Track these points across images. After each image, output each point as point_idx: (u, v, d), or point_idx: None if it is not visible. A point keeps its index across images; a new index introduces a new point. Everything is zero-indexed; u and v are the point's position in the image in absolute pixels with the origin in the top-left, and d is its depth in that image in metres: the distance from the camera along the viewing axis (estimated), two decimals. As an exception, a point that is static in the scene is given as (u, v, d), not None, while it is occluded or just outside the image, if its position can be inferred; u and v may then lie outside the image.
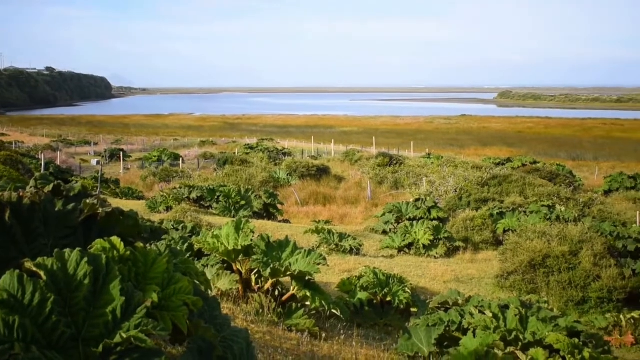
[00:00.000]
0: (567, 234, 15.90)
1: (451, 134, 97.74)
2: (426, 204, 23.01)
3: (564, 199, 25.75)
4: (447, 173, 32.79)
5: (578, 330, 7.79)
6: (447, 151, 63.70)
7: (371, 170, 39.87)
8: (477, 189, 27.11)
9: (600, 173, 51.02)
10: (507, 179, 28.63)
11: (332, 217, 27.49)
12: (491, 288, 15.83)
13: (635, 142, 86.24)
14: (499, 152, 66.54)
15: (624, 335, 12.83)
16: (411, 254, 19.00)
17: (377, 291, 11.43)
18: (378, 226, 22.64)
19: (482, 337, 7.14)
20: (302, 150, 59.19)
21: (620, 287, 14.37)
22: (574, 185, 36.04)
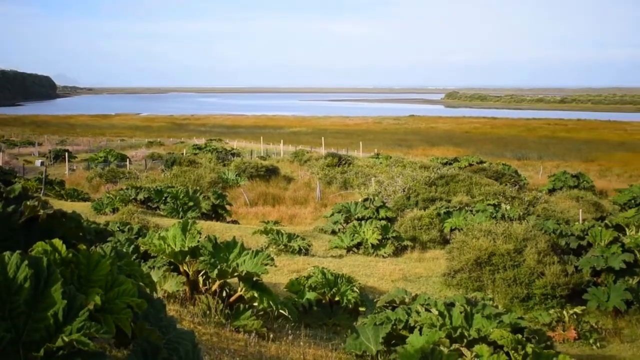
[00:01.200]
0: (512, 232, 16.19)
1: (399, 134, 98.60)
2: (374, 204, 23.17)
3: (509, 198, 26.21)
4: (396, 173, 33.06)
5: (521, 326, 7.95)
6: (395, 151, 64.23)
7: (320, 170, 39.96)
8: (424, 188, 27.40)
9: (544, 172, 52.06)
10: (454, 179, 29.00)
11: (281, 218, 27.47)
12: (438, 286, 16.02)
13: (578, 142, 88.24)
14: (447, 152, 67.35)
15: (567, 331, 13.13)
16: (360, 253, 19.11)
17: (325, 291, 11.47)
18: (327, 226, 22.71)
19: (428, 334, 7.24)
20: (251, 151, 59.01)
21: (563, 284, 14.69)
22: (519, 184, 36.69)
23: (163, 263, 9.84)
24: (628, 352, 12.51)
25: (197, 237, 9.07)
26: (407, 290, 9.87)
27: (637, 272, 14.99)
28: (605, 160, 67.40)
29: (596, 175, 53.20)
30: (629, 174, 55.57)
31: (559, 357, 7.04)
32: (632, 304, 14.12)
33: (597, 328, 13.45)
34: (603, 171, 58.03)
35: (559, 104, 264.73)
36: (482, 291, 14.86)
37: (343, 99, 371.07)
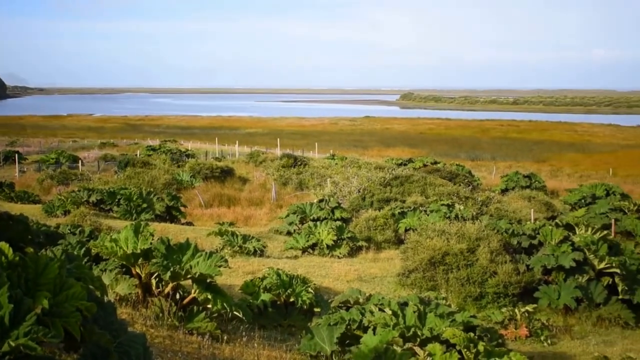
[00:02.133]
0: (466, 231, 16.38)
1: (355, 135, 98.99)
2: (330, 205, 23.24)
3: (463, 198, 26.52)
4: (351, 174, 33.17)
5: (474, 324, 8.05)
6: (351, 152, 64.47)
7: (276, 171, 39.90)
8: (379, 189, 27.55)
9: (497, 172, 52.80)
10: (409, 179, 29.23)
11: (237, 219, 27.36)
12: (393, 286, 16.13)
13: (530, 143, 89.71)
14: (402, 152, 67.86)
15: (518, 328, 13.33)
16: (315, 254, 19.14)
17: (280, 292, 11.46)
18: (282, 227, 22.69)
19: (381, 334, 7.28)
20: (206, 152, 58.62)
21: (515, 282, 14.92)
22: (472, 185, 37.16)
23: (115, 266, 9.71)
24: (578, 348, 12.75)
25: (149, 239, 8.98)
26: (362, 291, 9.92)
27: (586, 270, 15.28)
28: (556, 160, 68.66)
29: (547, 175, 54.15)
30: (579, 174, 56.68)
31: (510, 354, 7.15)
32: (582, 302, 14.40)
33: (548, 325, 13.69)
34: (554, 171, 59.08)
35: (512, 106, 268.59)
36: (436, 290, 15.00)
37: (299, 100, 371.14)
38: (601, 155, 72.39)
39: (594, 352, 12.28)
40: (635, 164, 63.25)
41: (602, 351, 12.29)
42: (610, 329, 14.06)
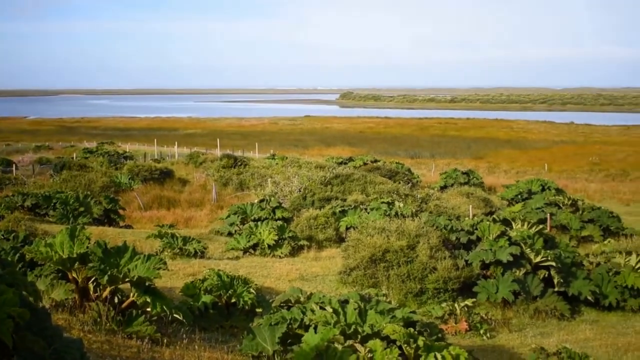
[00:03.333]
0: (405, 228, 16.56)
1: (295, 135, 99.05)
2: (271, 205, 23.20)
3: (402, 196, 26.78)
4: (292, 173, 33.17)
5: (414, 320, 8.13)
6: (291, 152, 64.49)
7: (216, 172, 39.62)
8: (320, 188, 27.63)
9: (436, 170, 53.49)
10: (349, 178, 29.39)
11: (177, 221, 27.08)
12: (335, 284, 16.19)
13: (468, 140, 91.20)
14: (342, 151, 68.17)
15: (458, 323, 13.54)
16: (256, 254, 19.08)
17: (221, 293, 11.38)
18: (223, 228, 22.54)
19: (323, 332, 7.29)
20: (145, 154, 57.81)
21: (454, 277, 15.15)
22: (412, 182, 37.60)
23: (51, 271, 9.49)
24: (516, 341, 13.03)
25: (86, 243, 8.81)
26: (303, 290, 9.92)
27: (523, 264, 15.62)
28: (494, 157, 69.97)
29: (485, 171, 55.12)
30: (515, 170, 57.86)
31: (449, 348, 7.25)
32: (519, 295, 14.71)
33: (487, 319, 13.94)
34: (491, 168, 60.18)
35: (450, 104, 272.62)
36: (377, 287, 15.11)
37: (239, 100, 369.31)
38: (536, 152, 74.06)
39: (531, 344, 12.54)
40: (569, 160, 64.97)
41: (539, 343, 12.56)
42: (547, 321, 14.40)
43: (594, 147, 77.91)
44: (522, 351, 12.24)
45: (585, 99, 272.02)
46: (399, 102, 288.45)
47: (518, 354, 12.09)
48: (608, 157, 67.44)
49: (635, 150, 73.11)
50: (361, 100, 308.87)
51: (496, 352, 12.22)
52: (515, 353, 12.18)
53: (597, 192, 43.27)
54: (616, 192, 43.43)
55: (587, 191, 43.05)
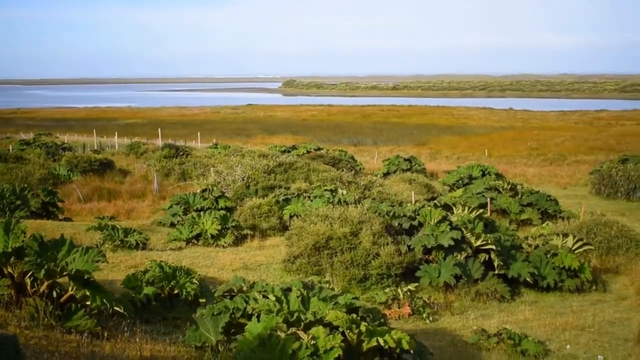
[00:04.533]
0: (348, 215, 16.63)
1: (238, 124, 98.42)
2: (213, 194, 23.03)
3: (346, 183, 26.90)
4: (235, 162, 32.96)
5: (356, 306, 8.17)
6: (234, 141, 64.05)
7: (157, 162, 39.11)
8: (264, 177, 27.55)
9: (379, 157, 53.84)
10: (293, 166, 29.37)
11: (118, 213, 26.68)
12: (279, 273, 16.21)
13: (410, 127, 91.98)
14: (285, 140, 68.00)
15: (401, 307, 13.71)
16: (200, 244, 18.95)
17: (164, 284, 11.26)
18: (165, 219, 22.29)
19: (265, 320, 7.28)
20: (84, 145, 56.71)
21: (397, 263, 15.31)
22: (355, 169, 37.78)
23: (-15, 266, 9.24)
24: (458, 323, 13.25)
25: (21, 237, 8.58)
26: (245, 279, 9.89)
27: (464, 248, 15.88)
28: (435, 143, 70.75)
29: (427, 158, 55.73)
30: (457, 156, 58.63)
31: (391, 333, 7.31)
32: (461, 278, 14.96)
33: (430, 303, 14.15)
34: (433, 154, 60.86)
35: (392, 91, 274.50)
36: (321, 275, 15.19)
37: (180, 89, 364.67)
38: (477, 137, 75.14)
39: (472, 326, 12.79)
40: (509, 145, 66.13)
41: (480, 325, 12.82)
42: (487, 303, 14.69)
43: (532, 132, 79.44)
44: (464, 333, 12.46)
45: (524, 85, 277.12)
46: (341, 89, 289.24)
47: (460, 336, 12.29)
48: (546, 142, 68.89)
49: (572, 135, 74.88)
50: (304, 88, 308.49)
51: (439, 335, 12.41)
52: (457, 335, 12.38)
53: (536, 176, 44.18)
54: (554, 176, 44.42)
55: (526, 175, 43.92)
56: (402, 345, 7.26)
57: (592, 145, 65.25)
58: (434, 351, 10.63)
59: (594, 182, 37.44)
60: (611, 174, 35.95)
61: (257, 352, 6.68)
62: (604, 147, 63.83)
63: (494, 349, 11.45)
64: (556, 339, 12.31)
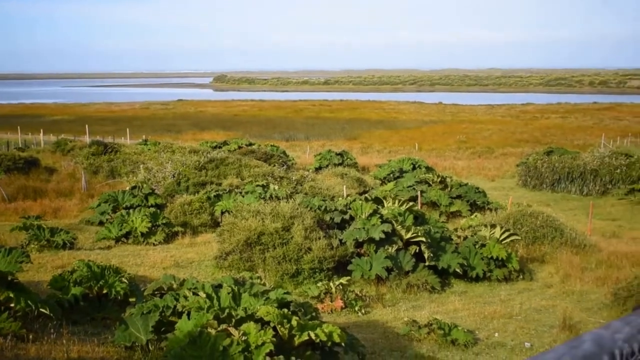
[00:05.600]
0: (280, 210, 16.62)
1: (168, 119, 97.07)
2: (143, 191, 22.69)
3: (278, 178, 26.86)
4: (165, 159, 32.53)
5: (288, 301, 8.17)
6: (164, 137, 63.12)
7: (85, 159, 38.24)
8: (195, 173, 27.27)
9: (311, 151, 53.88)
10: (224, 162, 29.16)
11: (45, 212, 25.95)
12: (211, 269, 16.08)
13: (342, 121, 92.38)
14: (216, 135, 67.39)
15: (334, 301, 13.77)
16: (129, 243, 18.65)
17: (92, 284, 11.03)
18: (94, 217, 21.84)
19: (196, 318, 7.21)
20: (8, 142, 55.01)
21: (329, 257, 15.37)
22: (287, 164, 37.76)
23: None
24: (390, 315, 13.40)
25: (-60, 238, 8.29)
26: (176, 276, 9.77)
27: (395, 241, 16.06)
28: (367, 137, 71.25)
29: (359, 152, 56.08)
30: (388, 150, 59.20)
31: (322, 326, 7.33)
32: (392, 271, 15.14)
33: (362, 296, 14.26)
34: (365, 148, 61.28)
35: (323, 86, 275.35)
36: (253, 270, 15.13)
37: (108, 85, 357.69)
38: (407, 131, 76.00)
39: (404, 317, 12.95)
40: (438, 139, 67.16)
41: (411, 316, 12.99)
42: (418, 294, 14.90)
43: (461, 126, 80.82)
44: (395, 325, 12.60)
45: (453, 79, 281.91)
46: (273, 85, 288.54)
47: (392, 328, 12.43)
48: (474, 135, 70.21)
49: (499, 129, 76.51)
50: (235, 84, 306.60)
51: (371, 327, 12.52)
52: (389, 327, 12.52)
53: (465, 169, 44.99)
54: (482, 168, 45.32)
55: (455, 168, 44.67)
56: (333, 339, 7.29)
57: (519, 138, 66.87)
58: (366, 343, 10.73)
59: (521, 174, 38.41)
60: (537, 166, 36.95)
61: (188, 350, 6.61)
62: (530, 139, 65.48)
63: (424, 339, 11.62)
64: (485, 327, 12.59)
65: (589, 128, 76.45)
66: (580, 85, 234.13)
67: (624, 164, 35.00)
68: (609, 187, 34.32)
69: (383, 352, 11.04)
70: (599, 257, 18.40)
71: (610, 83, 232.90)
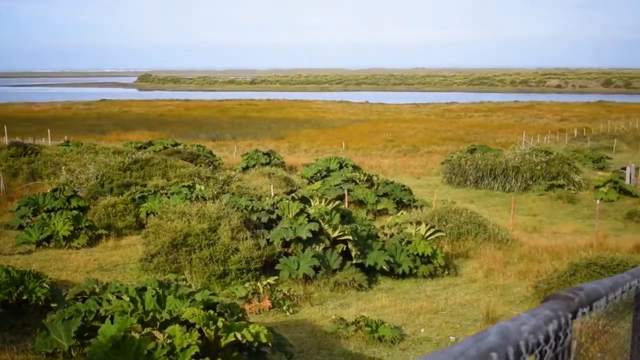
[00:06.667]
0: (206, 211, 16.47)
1: (91, 120, 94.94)
2: (65, 194, 22.14)
3: (204, 178, 26.60)
4: (88, 160, 31.82)
5: (214, 302, 8.10)
6: (87, 137, 61.64)
7: (4, 162, 37.02)
8: (119, 174, 26.75)
9: (238, 151, 53.58)
10: (149, 163, 28.70)
11: (-39, 217, 25.07)
12: (136, 272, 15.82)
13: (269, 121, 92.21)
14: (141, 136, 66.25)
15: (262, 301, 13.73)
16: (51, 247, 18.16)
17: (11, 290, 10.70)
18: (13, 221, 21.17)
19: (119, 322, 7.08)
20: None
21: (257, 257, 15.33)
22: (214, 165, 37.46)
23: None
24: (318, 314, 13.45)
25: None
26: (99, 280, 9.56)
27: (322, 240, 16.13)
28: (294, 137, 71.31)
29: (286, 151, 56.06)
30: (315, 149, 59.37)
31: (249, 327, 7.30)
32: (320, 269, 15.20)
33: (290, 295, 14.26)
34: (292, 147, 61.31)
35: (250, 85, 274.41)
36: (180, 272, 14.96)
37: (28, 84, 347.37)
38: (334, 131, 76.41)
39: (331, 315, 13.02)
40: (365, 138, 67.77)
41: (339, 314, 13.07)
42: (346, 292, 14.99)
43: (387, 124, 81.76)
44: (323, 323, 12.66)
45: (379, 79, 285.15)
46: (199, 84, 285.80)
47: (320, 326, 12.48)
48: (400, 134, 71.14)
49: (424, 127, 77.78)
50: (160, 83, 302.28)
51: (299, 326, 12.54)
52: (317, 325, 12.57)
53: (391, 167, 45.52)
54: (408, 166, 45.96)
55: (381, 167, 45.15)
56: (260, 339, 7.27)
57: (443, 136, 68.10)
58: (294, 342, 10.74)
59: (445, 171, 39.14)
60: (461, 164, 37.72)
61: (111, 355, 6.49)
62: (454, 137, 66.76)
63: (352, 336, 11.71)
64: (411, 323, 12.78)
65: (510, 126, 78.49)
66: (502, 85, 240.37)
67: (544, 161, 36.07)
68: (530, 183, 35.30)
69: (311, 351, 11.08)
70: (521, 251, 18.93)
71: (531, 82, 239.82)
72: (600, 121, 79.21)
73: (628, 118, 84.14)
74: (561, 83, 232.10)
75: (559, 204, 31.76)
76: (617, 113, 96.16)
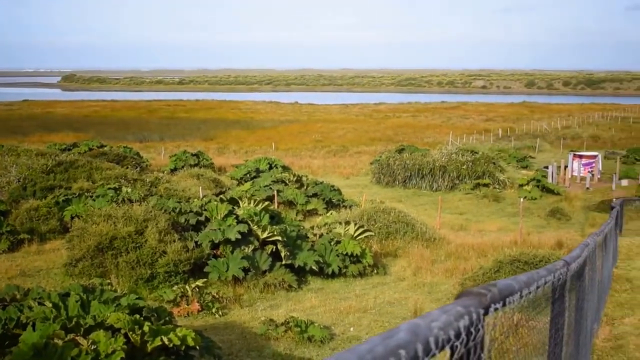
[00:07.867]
0: (133, 214, 16.20)
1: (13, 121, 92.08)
2: (-15, 198, 21.42)
3: (131, 181, 26.16)
4: (9, 162, 30.86)
5: (140, 306, 7.97)
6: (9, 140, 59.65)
7: None
8: (42, 177, 26.05)
9: (166, 153, 52.89)
10: (74, 165, 28.05)
11: None
12: (60, 277, 15.44)
13: (198, 121, 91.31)
14: (66, 137, 64.66)
15: (190, 304, 13.59)
16: (-30, 253, 17.56)
17: None
18: None
19: (41, 329, 6.89)
20: None
21: (185, 259, 15.17)
22: (141, 166, 36.89)
23: None
24: (247, 315, 13.40)
25: None
26: (20, 286, 9.28)
27: (252, 241, 16.08)
28: (223, 138, 70.80)
29: (215, 152, 55.66)
30: (244, 150, 59.13)
31: (176, 330, 7.21)
32: (249, 271, 15.15)
33: (219, 297, 14.16)
34: (221, 148, 60.90)
35: (178, 86, 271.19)
36: (106, 277, 14.67)
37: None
38: (264, 131, 76.25)
39: (261, 317, 13.00)
40: (295, 138, 67.87)
41: (269, 315, 13.05)
42: (276, 293, 14.99)
43: (316, 125, 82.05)
44: (253, 325, 12.62)
45: (308, 79, 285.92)
46: (125, 84, 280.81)
47: (250, 328, 12.44)
48: (330, 134, 71.51)
49: (353, 127, 78.38)
50: (85, 83, 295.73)
51: (228, 329, 12.47)
52: (246, 327, 12.52)
53: (321, 167, 45.73)
54: (337, 166, 46.26)
55: (311, 167, 45.31)
56: (187, 342, 7.19)
57: (372, 137, 68.78)
58: (223, 345, 10.68)
59: (374, 171, 39.58)
60: (389, 164, 38.20)
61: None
62: (383, 137, 67.53)
63: (282, 337, 11.71)
64: (340, 322, 12.86)
65: (438, 126, 79.88)
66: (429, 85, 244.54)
67: (470, 160, 36.86)
68: (456, 182, 36.01)
69: (241, 353, 11.02)
70: (448, 249, 19.29)
71: (457, 83, 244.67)
72: (524, 121, 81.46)
73: (550, 118, 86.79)
74: (486, 84, 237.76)
75: (484, 203, 32.51)
76: (540, 113, 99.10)
